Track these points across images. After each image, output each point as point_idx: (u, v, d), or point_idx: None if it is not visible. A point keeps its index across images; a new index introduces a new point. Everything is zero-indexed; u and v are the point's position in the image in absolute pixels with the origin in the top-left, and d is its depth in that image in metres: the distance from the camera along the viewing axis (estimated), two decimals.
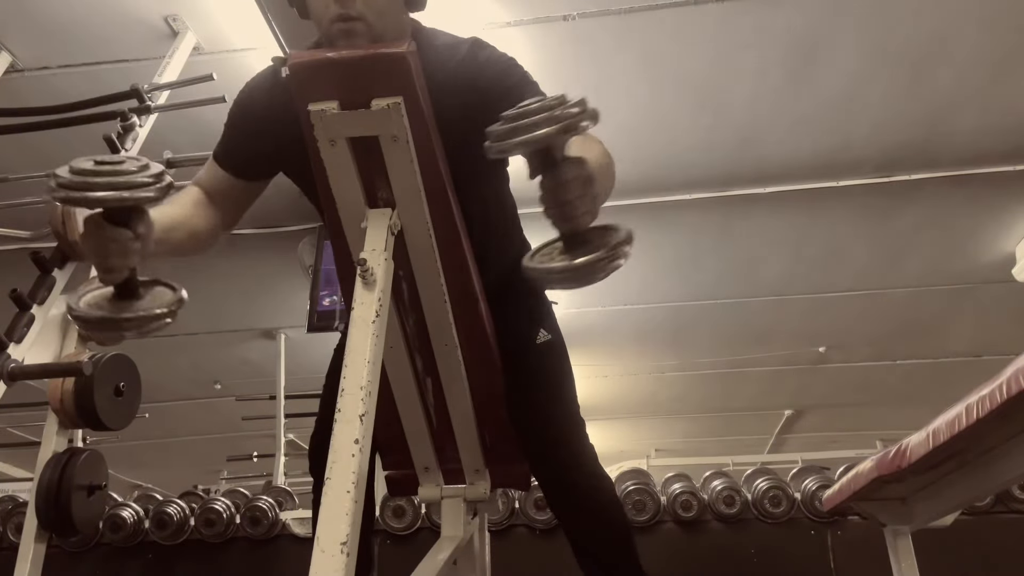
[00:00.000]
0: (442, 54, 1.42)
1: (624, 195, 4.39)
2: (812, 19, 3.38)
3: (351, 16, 1.30)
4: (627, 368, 6.82)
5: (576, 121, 1.04)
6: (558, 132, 1.03)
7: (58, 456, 2.21)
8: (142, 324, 1.18)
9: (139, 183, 1.07)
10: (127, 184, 1.07)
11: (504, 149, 1.06)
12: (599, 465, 1.69)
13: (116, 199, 1.07)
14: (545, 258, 1.14)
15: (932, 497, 2.01)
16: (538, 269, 1.12)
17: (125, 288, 1.18)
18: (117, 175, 1.07)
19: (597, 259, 1.08)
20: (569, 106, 1.05)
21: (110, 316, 1.16)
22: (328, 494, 1.08)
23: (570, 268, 1.09)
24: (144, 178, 1.08)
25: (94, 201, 1.07)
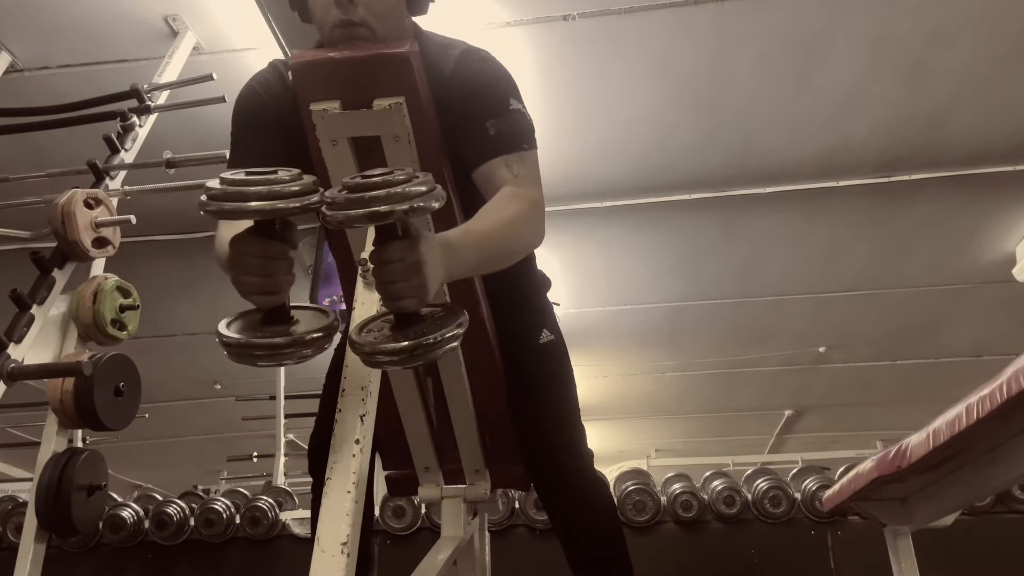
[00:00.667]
0: (438, 59, 1.42)
1: (625, 195, 4.40)
2: (812, 19, 3.38)
3: (352, 22, 1.30)
4: (627, 368, 6.82)
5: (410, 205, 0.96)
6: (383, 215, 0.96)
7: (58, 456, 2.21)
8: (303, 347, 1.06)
9: (294, 192, 0.99)
10: (284, 193, 0.99)
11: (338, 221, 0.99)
12: (595, 469, 1.70)
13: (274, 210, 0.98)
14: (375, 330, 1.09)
15: (932, 497, 2.01)
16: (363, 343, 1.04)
17: (280, 312, 1.09)
18: (273, 184, 0.99)
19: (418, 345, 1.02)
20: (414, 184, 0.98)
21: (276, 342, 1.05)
22: (328, 494, 1.08)
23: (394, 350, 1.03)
24: (296, 187, 1.00)
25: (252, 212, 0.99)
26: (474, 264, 1.21)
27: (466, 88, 1.39)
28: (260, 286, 1.05)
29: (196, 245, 4.21)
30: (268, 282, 1.05)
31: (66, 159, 2.65)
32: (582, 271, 5.14)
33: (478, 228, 1.22)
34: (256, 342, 1.05)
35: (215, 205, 0.97)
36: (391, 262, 1.01)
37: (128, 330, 2.35)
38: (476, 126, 1.38)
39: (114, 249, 2.32)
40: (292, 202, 0.98)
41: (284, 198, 0.98)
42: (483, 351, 1.59)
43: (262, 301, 1.07)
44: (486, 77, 1.42)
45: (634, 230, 4.77)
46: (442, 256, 1.07)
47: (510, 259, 1.33)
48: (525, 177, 1.37)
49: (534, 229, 1.35)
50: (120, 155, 2.50)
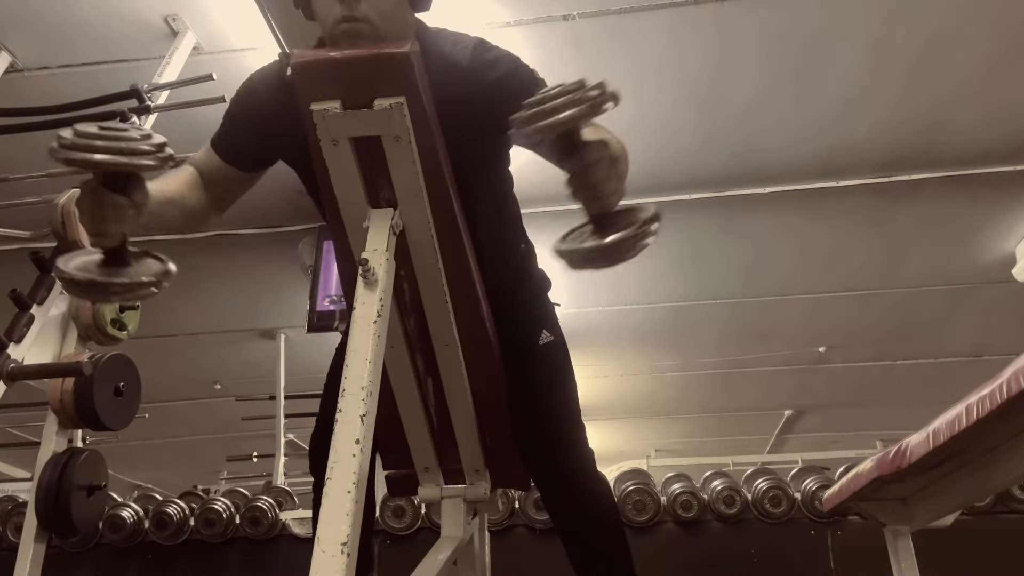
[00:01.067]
0: (450, 54, 1.42)
1: (625, 195, 4.39)
2: (812, 19, 3.38)
3: (355, 18, 1.31)
4: (627, 368, 6.82)
5: (598, 102, 1.06)
6: (582, 113, 1.05)
7: (58, 456, 2.21)
8: (128, 290, 1.19)
9: (140, 150, 1.08)
10: (128, 150, 1.08)
11: (530, 134, 1.07)
12: (597, 469, 1.70)
13: (115, 163, 1.08)
14: (575, 240, 1.16)
15: (932, 497, 2.01)
16: (570, 250, 1.13)
17: (115, 255, 1.18)
18: (119, 140, 1.08)
19: (626, 237, 1.10)
20: (589, 89, 1.07)
21: (98, 280, 1.17)
22: (328, 494, 1.08)
23: (600, 247, 1.11)
24: (146, 146, 1.09)
25: (93, 163, 1.08)
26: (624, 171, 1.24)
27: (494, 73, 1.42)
28: (90, 228, 1.15)
29: (196, 245, 4.21)
30: (97, 226, 1.14)
31: None
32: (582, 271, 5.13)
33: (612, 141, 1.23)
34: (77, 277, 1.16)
35: (64, 153, 1.07)
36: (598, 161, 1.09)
37: (128, 330, 2.35)
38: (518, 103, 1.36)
39: None
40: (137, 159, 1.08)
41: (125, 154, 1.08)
42: (483, 350, 1.59)
43: (94, 241, 1.17)
44: (511, 61, 1.46)
45: None
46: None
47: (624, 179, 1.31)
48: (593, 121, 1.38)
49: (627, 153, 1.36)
50: None
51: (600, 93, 1.07)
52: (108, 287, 1.18)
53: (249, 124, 1.49)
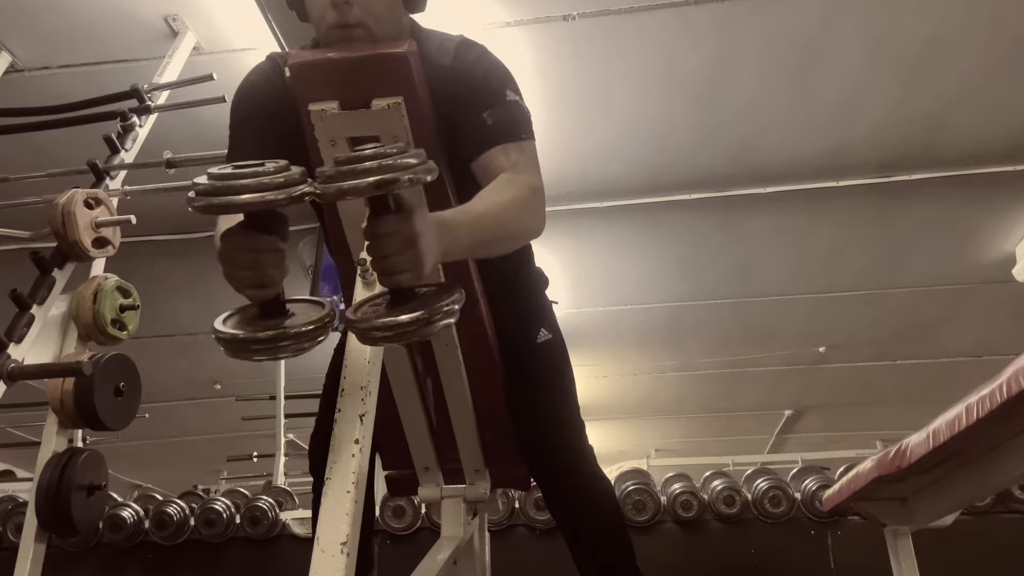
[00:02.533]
0: (435, 55, 1.42)
1: (624, 195, 4.40)
2: (812, 19, 3.38)
3: (348, 23, 1.30)
4: (627, 368, 6.82)
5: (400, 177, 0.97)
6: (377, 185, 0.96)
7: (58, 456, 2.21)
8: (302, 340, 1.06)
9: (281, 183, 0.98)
10: (273, 185, 0.98)
11: (330, 193, 0.99)
12: (598, 467, 1.69)
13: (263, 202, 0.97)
14: (370, 310, 1.09)
15: (932, 497, 2.01)
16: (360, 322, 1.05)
17: (275, 306, 1.08)
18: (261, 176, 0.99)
19: (415, 319, 1.02)
20: (405, 157, 0.98)
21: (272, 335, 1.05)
22: (328, 494, 1.08)
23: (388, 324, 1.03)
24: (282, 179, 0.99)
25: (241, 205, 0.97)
26: (469, 244, 1.20)
27: (463, 79, 1.40)
28: (252, 280, 1.04)
29: (196, 245, 4.21)
30: (259, 276, 1.04)
31: (66, 159, 2.65)
32: (582, 271, 5.14)
33: (474, 208, 1.22)
34: (251, 336, 1.05)
35: (203, 200, 0.97)
36: (386, 235, 1.01)
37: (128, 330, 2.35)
38: (474, 117, 1.38)
39: (114, 249, 2.32)
40: (280, 193, 0.98)
41: (272, 190, 0.97)
42: (482, 350, 1.59)
43: (255, 295, 1.07)
44: (482, 69, 1.43)
45: (634, 230, 4.77)
46: (437, 232, 1.07)
47: (507, 243, 1.33)
48: (523, 164, 1.37)
49: (533, 214, 1.34)
50: (120, 155, 2.50)
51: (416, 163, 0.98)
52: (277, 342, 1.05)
53: (251, 131, 1.48)
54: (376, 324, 1.04)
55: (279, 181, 0.98)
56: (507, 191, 1.29)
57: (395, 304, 1.06)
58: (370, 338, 1.05)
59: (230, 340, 1.06)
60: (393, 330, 1.03)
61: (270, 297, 1.08)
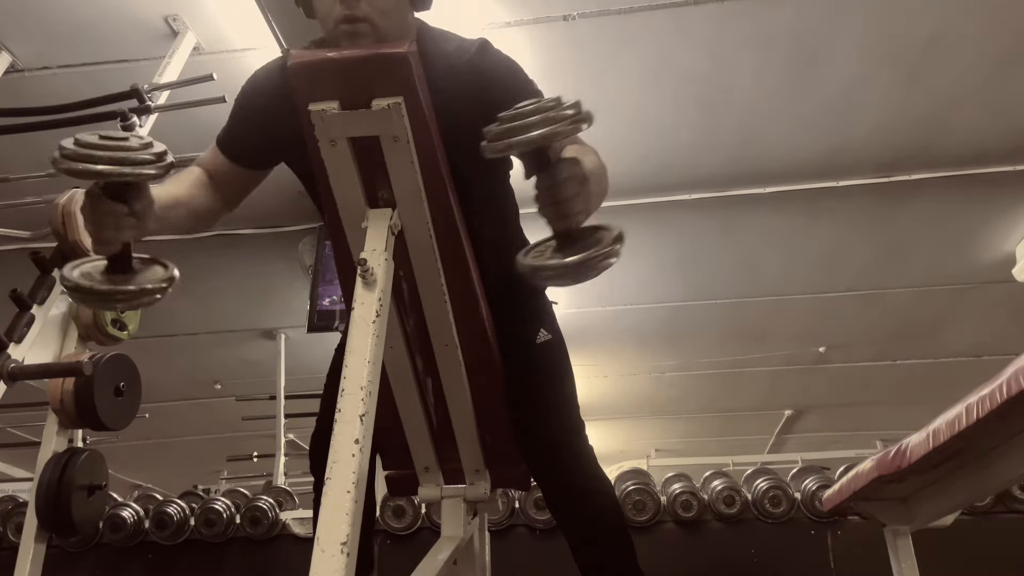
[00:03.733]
0: (451, 56, 1.42)
1: (624, 195, 4.40)
2: (812, 19, 3.38)
3: (356, 17, 1.31)
4: (627, 368, 6.82)
5: (571, 122, 1.06)
6: (552, 133, 1.05)
7: (58, 456, 2.21)
8: (132, 297, 1.20)
9: (141, 160, 1.10)
10: (129, 160, 1.09)
11: (500, 149, 1.08)
12: (599, 467, 1.69)
13: (115, 173, 1.09)
14: (539, 256, 1.16)
15: (932, 497, 2.00)
16: (532, 266, 1.14)
17: (119, 262, 1.20)
18: (120, 150, 1.09)
19: (589, 257, 1.10)
20: (564, 108, 1.07)
21: (101, 288, 1.18)
22: (328, 494, 1.08)
23: (563, 265, 1.11)
24: (146, 155, 1.10)
25: (94, 173, 1.09)
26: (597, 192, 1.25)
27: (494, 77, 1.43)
28: (93, 235, 1.16)
29: (196, 245, 4.21)
30: (99, 234, 1.16)
31: None
32: None
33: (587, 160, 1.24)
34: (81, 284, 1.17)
35: (65, 164, 1.08)
36: (565, 180, 1.10)
37: (128, 330, 2.35)
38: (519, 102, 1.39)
39: None
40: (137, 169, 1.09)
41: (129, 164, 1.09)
42: (482, 350, 1.59)
43: (97, 249, 1.18)
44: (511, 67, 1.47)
45: (634, 230, 4.73)
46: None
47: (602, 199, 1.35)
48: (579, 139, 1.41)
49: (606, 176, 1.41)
50: None
51: (575, 113, 1.07)
52: (112, 295, 1.19)
53: (253, 123, 1.50)
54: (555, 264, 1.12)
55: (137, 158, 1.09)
56: (589, 154, 1.34)
57: (564, 246, 1.14)
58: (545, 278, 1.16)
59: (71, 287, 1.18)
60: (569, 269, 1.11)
61: (112, 253, 1.18)
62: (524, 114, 1.07)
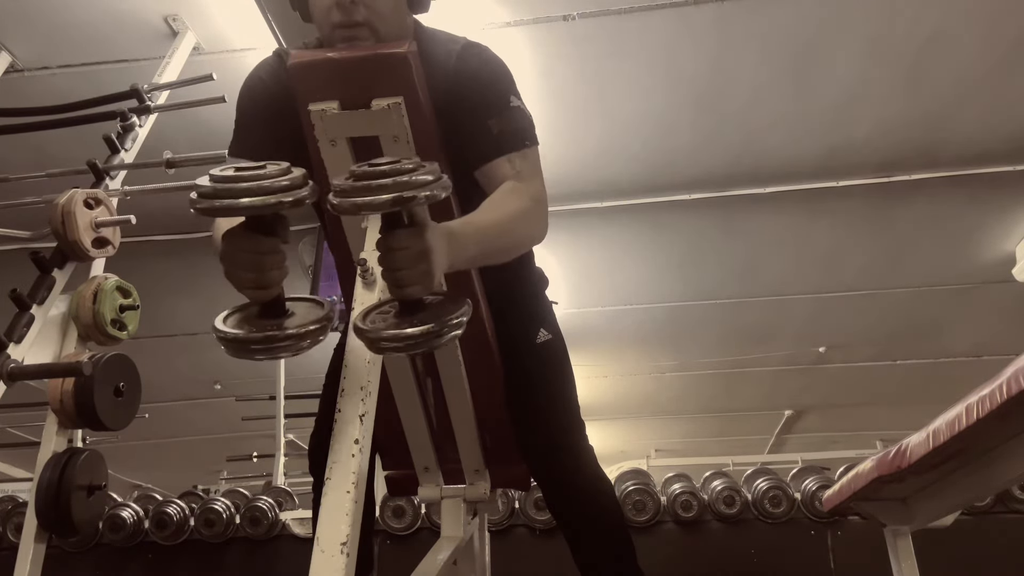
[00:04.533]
0: (439, 56, 1.42)
1: (624, 195, 4.40)
2: (812, 19, 3.38)
3: (355, 22, 1.30)
4: (627, 368, 6.82)
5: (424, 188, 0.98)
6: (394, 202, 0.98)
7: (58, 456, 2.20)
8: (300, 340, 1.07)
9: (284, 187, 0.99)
10: (275, 188, 0.98)
11: (345, 209, 1.00)
12: (599, 467, 1.69)
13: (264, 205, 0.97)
14: (378, 319, 1.10)
15: (932, 497, 2.00)
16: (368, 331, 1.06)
17: (276, 305, 1.10)
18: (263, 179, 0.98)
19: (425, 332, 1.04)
20: (421, 173, 0.99)
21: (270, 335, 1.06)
22: (328, 494, 1.08)
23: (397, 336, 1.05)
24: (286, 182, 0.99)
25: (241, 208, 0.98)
26: (475, 255, 1.23)
27: (467, 85, 1.41)
28: (253, 281, 1.06)
29: (196, 245, 4.21)
30: (261, 277, 1.05)
31: (66, 159, 2.64)
32: (582, 271, 5.14)
33: (480, 220, 1.24)
34: (251, 336, 1.06)
35: (206, 203, 0.97)
36: (398, 250, 1.04)
37: (128, 330, 2.35)
38: (478, 125, 1.39)
39: (114, 249, 2.31)
40: (282, 197, 0.98)
41: (274, 193, 0.98)
42: (482, 350, 1.59)
43: (256, 295, 1.08)
44: (486, 74, 1.44)
45: (634, 230, 4.77)
46: (446, 244, 1.10)
47: (511, 252, 1.35)
48: (527, 172, 1.39)
49: (536, 223, 1.37)
50: (120, 155, 2.50)
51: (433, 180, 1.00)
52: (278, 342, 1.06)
53: (257, 123, 1.49)
54: (385, 335, 1.06)
55: (282, 184, 0.98)
56: (511, 202, 1.32)
57: (404, 314, 1.09)
58: (379, 348, 1.08)
59: (231, 340, 1.06)
60: (403, 342, 1.05)
61: (271, 297, 1.08)
62: (377, 174, 0.99)
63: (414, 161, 1.02)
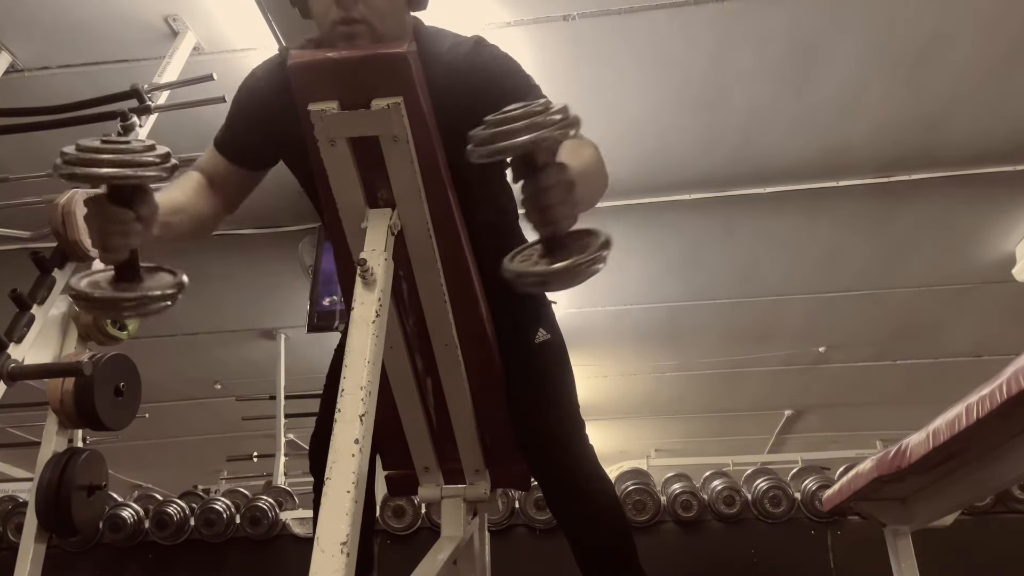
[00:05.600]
0: (446, 54, 1.42)
1: (624, 195, 4.40)
2: (812, 19, 3.38)
3: (353, 19, 1.30)
4: (627, 368, 6.82)
5: (558, 127, 1.05)
6: (538, 140, 1.04)
7: (58, 456, 2.21)
8: (141, 305, 1.18)
9: (144, 162, 1.08)
10: (132, 162, 1.07)
11: (486, 154, 1.06)
12: (599, 466, 1.69)
13: (120, 176, 1.07)
14: (526, 260, 1.14)
15: (932, 497, 2.00)
16: (516, 271, 1.12)
17: (126, 270, 1.18)
18: (123, 153, 1.07)
19: (575, 263, 1.09)
20: (551, 113, 1.05)
21: (110, 296, 1.16)
22: (328, 494, 1.08)
23: (549, 272, 1.10)
24: (149, 158, 1.08)
25: (98, 177, 1.06)
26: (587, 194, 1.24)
27: (489, 73, 1.42)
28: (98, 243, 1.13)
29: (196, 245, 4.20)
30: (105, 240, 1.13)
31: None
32: None
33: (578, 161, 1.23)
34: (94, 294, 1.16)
35: (67, 169, 1.05)
36: (551, 186, 1.08)
37: (128, 330, 2.35)
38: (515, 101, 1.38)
39: None
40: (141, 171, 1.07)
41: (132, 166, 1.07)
42: (482, 350, 1.59)
43: (103, 257, 1.16)
44: (505, 65, 1.46)
45: (634, 230, 4.77)
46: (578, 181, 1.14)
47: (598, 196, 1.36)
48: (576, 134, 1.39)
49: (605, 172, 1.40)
50: None
51: (563, 118, 1.06)
52: (120, 302, 1.18)
53: (251, 122, 1.49)
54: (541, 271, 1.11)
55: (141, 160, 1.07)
56: (585, 150, 1.33)
57: (551, 251, 1.13)
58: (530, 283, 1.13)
59: (79, 296, 1.16)
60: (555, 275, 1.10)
61: (117, 261, 1.16)
62: (510, 119, 1.05)
63: (542, 103, 1.07)
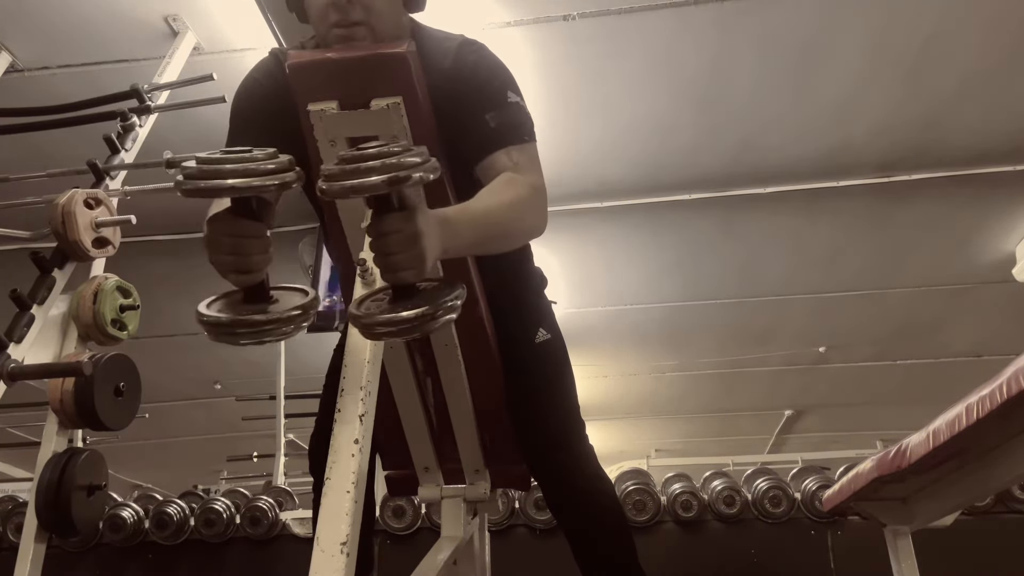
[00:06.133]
0: (435, 55, 1.42)
1: (624, 195, 4.40)
2: (812, 19, 3.38)
3: (352, 21, 1.30)
4: (627, 368, 6.82)
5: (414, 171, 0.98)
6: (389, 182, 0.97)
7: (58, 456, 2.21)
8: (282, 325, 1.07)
9: (270, 170, 0.99)
10: (258, 171, 0.99)
11: (336, 192, 0.99)
12: (599, 466, 1.69)
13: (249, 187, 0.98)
14: (373, 305, 1.10)
15: (932, 497, 2.01)
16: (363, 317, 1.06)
17: (258, 291, 1.10)
18: (247, 162, 0.99)
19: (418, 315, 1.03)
20: (408, 155, 0.99)
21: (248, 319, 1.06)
22: (328, 494, 1.08)
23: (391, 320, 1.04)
24: (273, 165, 1.00)
25: (227, 189, 0.98)
26: (471, 242, 1.22)
27: (464, 81, 1.40)
28: (235, 265, 1.06)
29: (196, 245, 4.19)
30: (243, 261, 1.05)
31: (66, 159, 2.64)
32: (582, 271, 5.14)
33: (475, 206, 1.23)
34: (233, 320, 1.06)
35: (191, 184, 0.98)
36: (389, 233, 1.02)
37: (128, 330, 2.35)
38: (476, 119, 1.39)
39: (114, 249, 2.32)
40: (268, 179, 0.99)
41: (259, 175, 0.98)
42: (482, 350, 1.59)
43: (239, 280, 1.08)
44: (484, 70, 1.43)
45: (634, 230, 4.77)
46: (439, 229, 1.08)
47: (509, 241, 1.34)
48: (525, 164, 1.38)
49: (534, 212, 1.35)
50: (120, 155, 2.50)
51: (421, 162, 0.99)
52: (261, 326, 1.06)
53: (253, 125, 1.49)
54: (379, 320, 1.05)
55: (267, 168, 0.99)
56: (509, 190, 1.30)
57: (397, 300, 1.08)
58: (373, 333, 1.07)
59: (213, 324, 1.06)
60: (396, 326, 1.04)
61: (254, 283, 1.09)
62: (365, 157, 0.98)
63: (402, 144, 1.01)
